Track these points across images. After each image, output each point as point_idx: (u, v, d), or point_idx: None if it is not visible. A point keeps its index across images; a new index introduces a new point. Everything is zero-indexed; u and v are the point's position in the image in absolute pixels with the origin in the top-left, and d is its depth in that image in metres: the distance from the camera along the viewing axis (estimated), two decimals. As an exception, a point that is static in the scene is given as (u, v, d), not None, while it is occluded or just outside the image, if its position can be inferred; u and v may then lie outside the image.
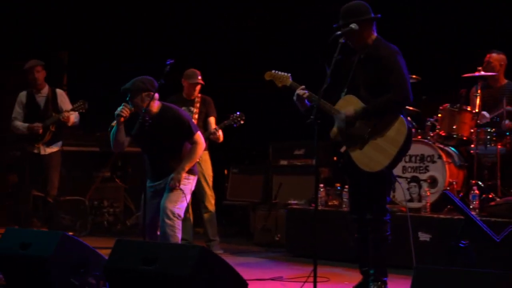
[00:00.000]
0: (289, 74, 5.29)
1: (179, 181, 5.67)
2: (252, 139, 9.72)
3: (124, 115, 5.64)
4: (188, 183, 5.81)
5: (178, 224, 5.67)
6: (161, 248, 4.43)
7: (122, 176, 10.21)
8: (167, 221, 5.62)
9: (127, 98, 5.73)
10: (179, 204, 5.69)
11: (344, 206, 7.27)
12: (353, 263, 6.04)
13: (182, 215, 5.73)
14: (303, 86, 5.10)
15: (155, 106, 5.80)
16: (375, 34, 5.08)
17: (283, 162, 9.03)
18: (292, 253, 7.55)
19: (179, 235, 5.68)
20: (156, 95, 5.73)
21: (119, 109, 5.65)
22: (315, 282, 4.58)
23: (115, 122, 5.70)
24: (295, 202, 8.09)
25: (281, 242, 8.06)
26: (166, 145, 5.81)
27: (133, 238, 8.44)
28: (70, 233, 8.99)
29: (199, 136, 5.86)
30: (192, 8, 10.35)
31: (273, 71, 5.36)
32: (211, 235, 7.71)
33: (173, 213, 5.63)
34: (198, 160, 6.03)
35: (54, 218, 7.83)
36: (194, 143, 5.82)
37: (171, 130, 5.75)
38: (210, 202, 7.72)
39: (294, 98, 5.10)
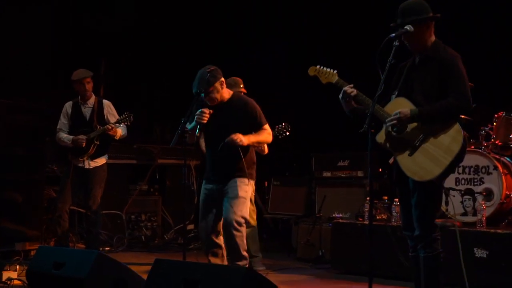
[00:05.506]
0: (336, 71, 4.92)
1: (239, 139, 5.45)
2: (293, 150, 9.41)
3: (205, 121, 5.52)
4: (249, 189, 5.67)
5: (244, 230, 5.63)
6: (203, 269, 4.13)
7: (160, 189, 9.96)
8: (236, 233, 5.53)
9: (202, 97, 5.55)
10: (242, 212, 5.57)
11: (393, 220, 6.91)
12: (405, 281, 5.72)
13: (247, 217, 5.65)
14: (351, 85, 4.75)
15: (226, 92, 5.67)
16: (433, 37, 4.72)
17: (327, 174, 8.69)
18: (338, 269, 7.23)
19: (245, 241, 5.65)
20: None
21: (198, 116, 5.52)
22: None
23: (192, 125, 5.57)
24: (340, 215, 7.79)
25: (326, 258, 7.75)
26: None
27: (172, 254, 8.30)
28: (107, 248, 8.85)
29: (268, 127, 5.74)
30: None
31: (318, 66, 4.97)
32: (253, 251, 7.36)
33: (239, 224, 5.54)
34: (262, 147, 6.01)
35: (93, 234, 7.57)
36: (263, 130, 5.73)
37: (240, 117, 5.59)
38: (252, 217, 7.36)
39: (340, 96, 4.75)
